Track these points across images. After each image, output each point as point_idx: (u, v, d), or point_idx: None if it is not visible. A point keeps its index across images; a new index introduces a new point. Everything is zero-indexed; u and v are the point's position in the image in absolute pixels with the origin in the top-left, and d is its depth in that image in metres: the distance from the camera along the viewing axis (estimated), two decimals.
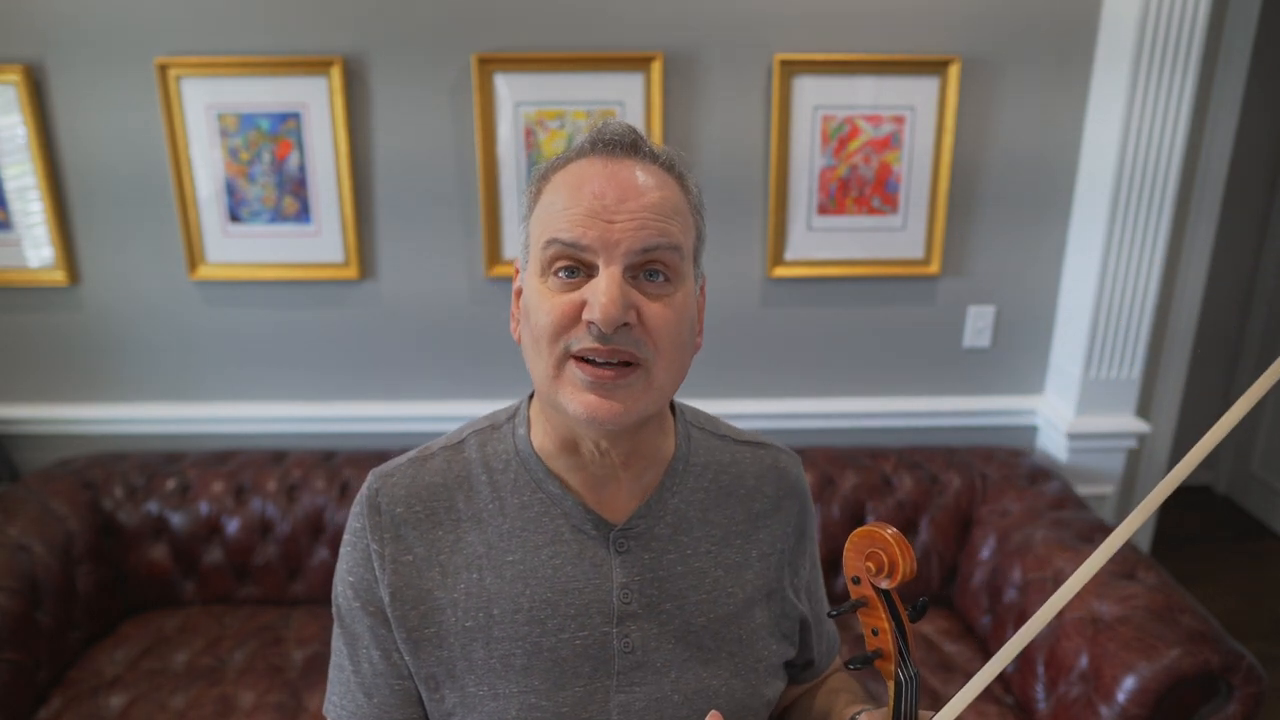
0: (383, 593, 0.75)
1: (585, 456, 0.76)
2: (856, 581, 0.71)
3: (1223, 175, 2.23)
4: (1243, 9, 2.12)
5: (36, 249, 2.01)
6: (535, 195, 0.74)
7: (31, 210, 1.98)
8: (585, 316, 0.66)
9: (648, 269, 0.69)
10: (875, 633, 0.71)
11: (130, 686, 1.69)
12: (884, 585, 0.68)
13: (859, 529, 0.69)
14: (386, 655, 0.76)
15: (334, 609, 0.79)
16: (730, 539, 0.81)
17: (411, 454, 0.81)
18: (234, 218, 1.98)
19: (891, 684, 0.71)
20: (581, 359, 0.68)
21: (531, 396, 0.81)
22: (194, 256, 2.00)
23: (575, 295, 0.68)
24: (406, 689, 0.76)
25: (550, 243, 0.68)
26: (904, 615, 0.71)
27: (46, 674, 1.69)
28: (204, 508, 1.95)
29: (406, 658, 0.76)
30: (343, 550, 0.79)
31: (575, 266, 0.68)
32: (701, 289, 0.79)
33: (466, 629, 0.74)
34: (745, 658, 0.79)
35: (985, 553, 1.86)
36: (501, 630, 0.74)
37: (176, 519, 1.95)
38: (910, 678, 0.70)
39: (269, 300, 2.06)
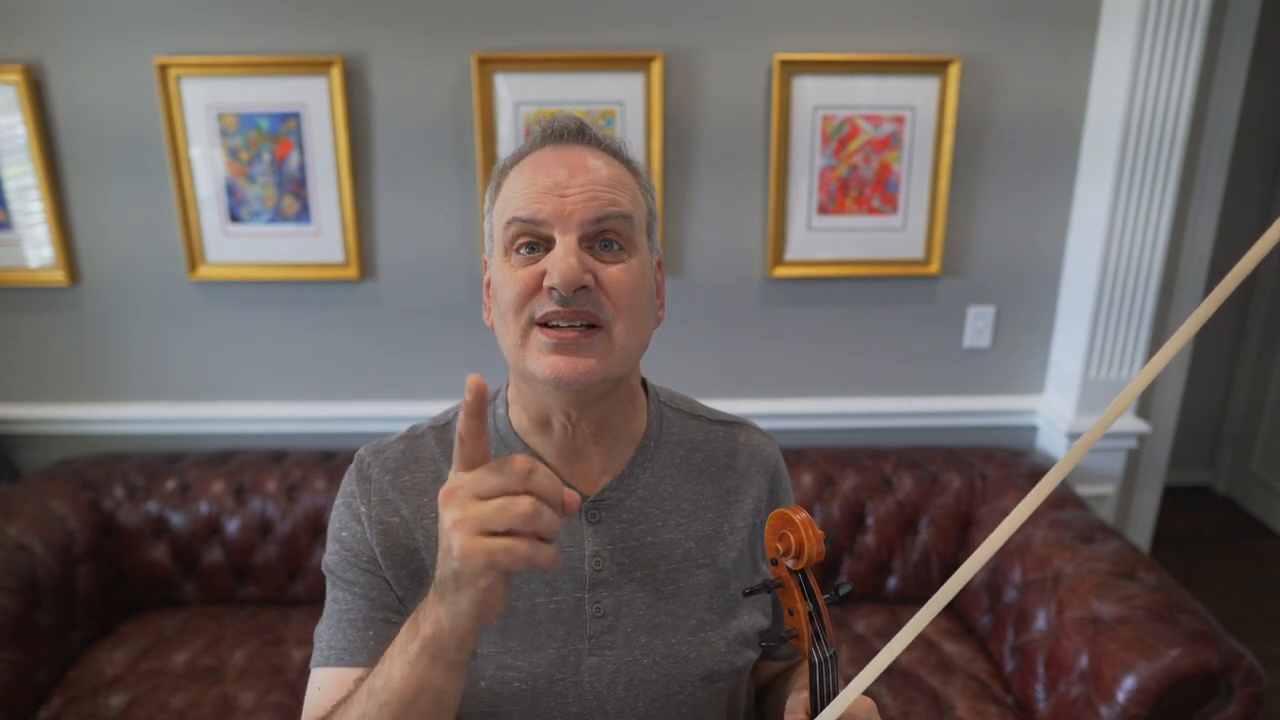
0: (375, 548, 0.80)
1: (558, 431, 0.80)
2: (775, 563, 0.74)
3: (1224, 172, 2.21)
4: None
5: (36, 249, 2.01)
6: (496, 190, 0.80)
7: (31, 210, 1.98)
8: (546, 283, 0.72)
9: (602, 238, 0.74)
10: (791, 613, 0.74)
11: (130, 686, 1.69)
12: (791, 566, 0.72)
13: (774, 511, 0.73)
14: (384, 594, 0.79)
15: (325, 569, 0.83)
16: (701, 513, 0.85)
17: (402, 433, 0.87)
18: (234, 218, 1.99)
19: (807, 663, 0.74)
20: (545, 325, 0.72)
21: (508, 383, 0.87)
22: (194, 256, 2.00)
23: (537, 267, 0.73)
24: (399, 622, 0.78)
25: (510, 222, 0.74)
26: (820, 597, 0.74)
27: (46, 674, 1.69)
28: (204, 508, 1.95)
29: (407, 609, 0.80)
30: (333, 514, 0.84)
31: (535, 242, 0.74)
32: (659, 265, 0.83)
33: None
34: (715, 626, 0.82)
35: None
36: None
37: (176, 519, 1.95)
38: (826, 658, 0.73)
39: (269, 300, 2.06)
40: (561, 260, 0.70)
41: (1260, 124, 3.04)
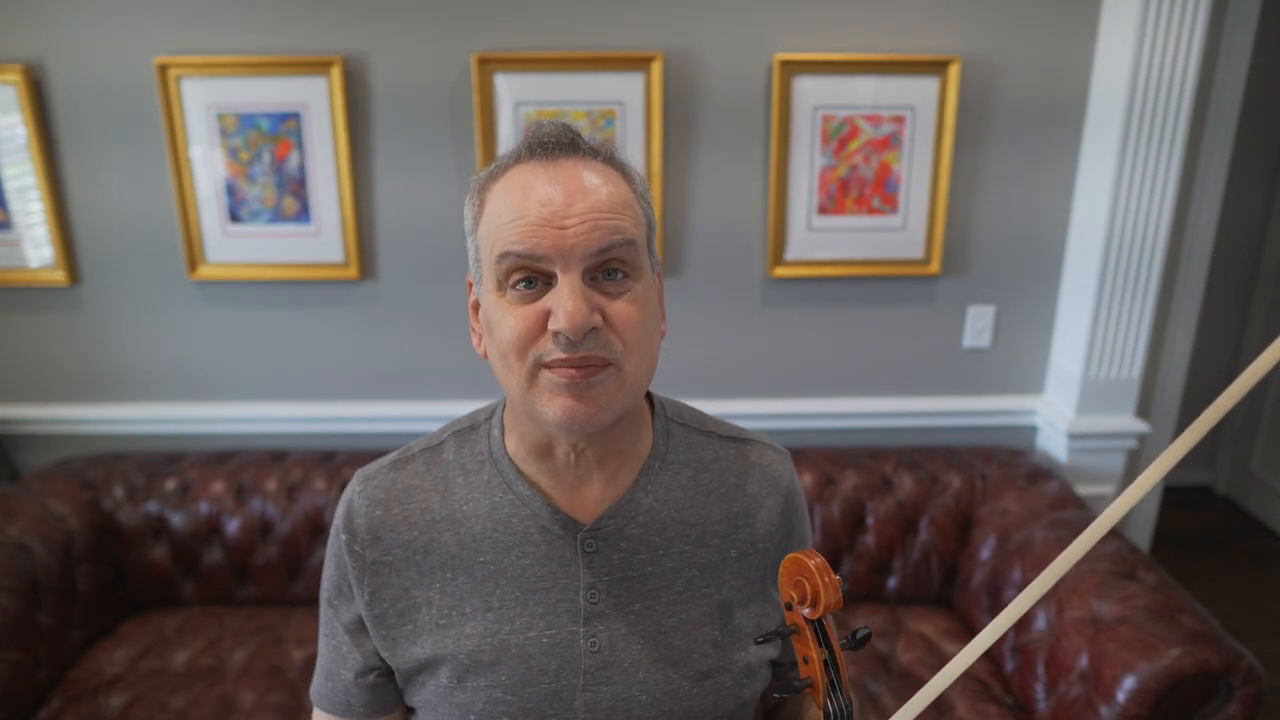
0: (355, 592, 0.80)
1: (559, 460, 0.77)
2: (789, 608, 0.70)
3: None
4: None
5: (36, 249, 2.01)
6: (479, 207, 0.73)
7: (31, 210, 1.98)
8: (551, 327, 0.66)
9: (606, 268, 0.68)
10: (805, 661, 0.70)
11: (130, 686, 1.69)
12: (807, 614, 0.68)
13: (789, 555, 0.69)
14: (339, 649, 0.81)
15: (320, 594, 0.85)
16: (707, 539, 0.80)
17: (393, 456, 0.84)
18: (234, 218, 1.99)
19: (821, 714, 0.69)
20: (553, 365, 0.68)
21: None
22: (194, 256, 2.00)
23: (538, 306, 0.67)
24: (353, 681, 0.81)
25: (504, 256, 0.67)
26: (836, 644, 0.69)
27: (46, 674, 1.69)
28: (204, 508, 1.95)
29: (384, 654, 0.79)
30: (328, 547, 0.83)
31: (533, 276, 0.67)
32: (659, 275, 0.78)
33: (440, 626, 0.77)
34: (719, 659, 0.78)
35: (985, 553, 1.86)
36: (472, 627, 0.76)
37: (176, 519, 1.95)
38: (841, 708, 0.68)
39: (269, 300, 2.06)
40: (568, 302, 0.64)
41: (1262, 113, 3.01)
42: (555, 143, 0.71)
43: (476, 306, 0.76)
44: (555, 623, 0.76)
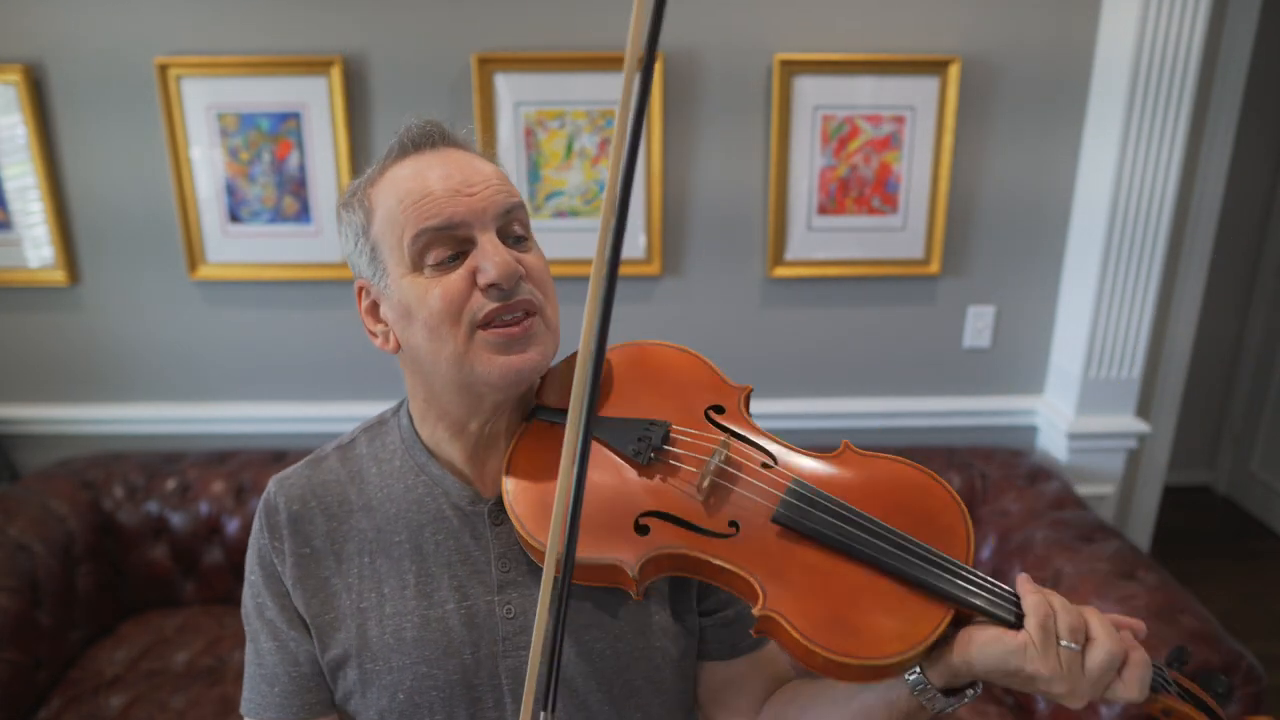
0: (286, 586, 0.80)
1: (471, 435, 0.80)
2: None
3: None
4: None
5: (36, 249, 2.01)
6: (367, 210, 0.76)
7: (31, 210, 1.98)
8: (482, 282, 0.71)
9: (508, 231, 0.75)
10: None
11: (130, 686, 1.69)
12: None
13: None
14: (283, 645, 0.80)
15: (242, 613, 0.83)
16: None
17: (308, 458, 0.87)
18: (234, 218, 1.98)
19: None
20: (487, 325, 0.72)
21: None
22: (194, 256, 2.00)
23: (460, 271, 0.72)
24: (303, 675, 0.80)
25: (420, 234, 0.72)
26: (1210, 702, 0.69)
27: (46, 674, 1.69)
28: (204, 508, 1.95)
29: (313, 645, 0.80)
30: (247, 554, 0.84)
31: (450, 249, 0.73)
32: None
33: (361, 609, 0.79)
34: (634, 619, 0.80)
35: (985, 553, 1.86)
36: (392, 607, 0.79)
37: (176, 519, 1.95)
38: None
39: (269, 300, 2.06)
40: (495, 255, 0.71)
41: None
42: (430, 136, 0.77)
43: (374, 308, 0.81)
44: (471, 594, 0.79)
